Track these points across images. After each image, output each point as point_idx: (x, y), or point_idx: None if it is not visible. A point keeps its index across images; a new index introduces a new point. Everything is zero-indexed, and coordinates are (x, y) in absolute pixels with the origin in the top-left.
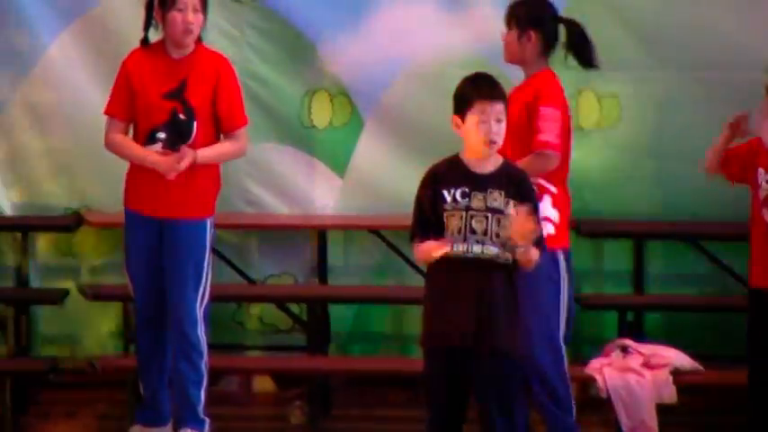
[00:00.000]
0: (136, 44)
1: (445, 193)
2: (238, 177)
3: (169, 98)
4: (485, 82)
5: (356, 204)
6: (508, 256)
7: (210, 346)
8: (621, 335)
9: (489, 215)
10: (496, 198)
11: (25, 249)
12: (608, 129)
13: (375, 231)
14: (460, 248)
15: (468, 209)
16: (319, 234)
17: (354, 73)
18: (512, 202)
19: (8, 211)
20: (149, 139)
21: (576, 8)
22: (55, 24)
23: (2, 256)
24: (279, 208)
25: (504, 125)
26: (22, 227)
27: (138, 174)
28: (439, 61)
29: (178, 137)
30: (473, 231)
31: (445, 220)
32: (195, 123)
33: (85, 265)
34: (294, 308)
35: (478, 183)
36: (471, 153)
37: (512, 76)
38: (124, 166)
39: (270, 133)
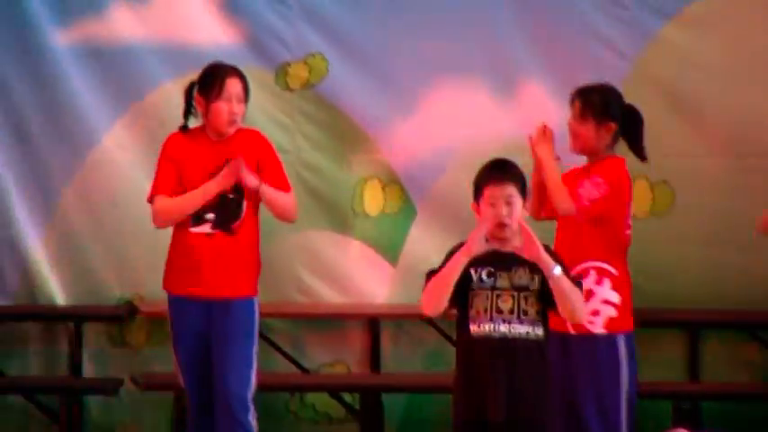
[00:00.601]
0: None
1: (472, 272)
2: (291, 266)
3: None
4: (495, 166)
5: (408, 292)
6: (538, 333)
7: None
8: (676, 424)
9: (515, 293)
10: (522, 276)
11: (78, 339)
12: (660, 216)
13: (428, 320)
14: (486, 328)
15: (493, 288)
16: (372, 322)
17: (406, 160)
18: (536, 278)
19: (61, 301)
20: (196, 220)
21: (632, 93)
22: (109, 112)
23: (55, 345)
24: (331, 296)
25: (516, 207)
26: (75, 317)
27: (181, 255)
28: (491, 148)
29: (227, 216)
30: (499, 311)
31: (470, 299)
32: (245, 202)
33: (138, 355)
34: (347, 397)
35: (503, 262)
36: (490, 235)
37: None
38: None
39: (322, 221)
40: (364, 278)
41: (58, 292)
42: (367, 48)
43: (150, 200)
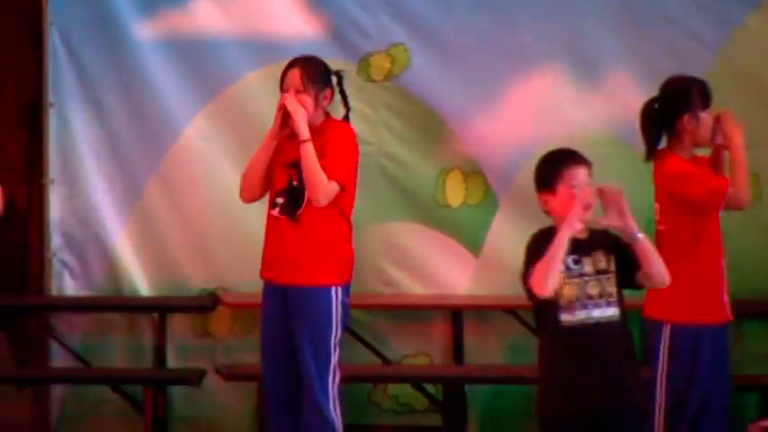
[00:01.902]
0: (269, 122)
1: None
2: (373, 257)
3: (289, 167)
4: (567, 152)
5: (491, 283)
6: (620, 314)
7: (346, 427)
8: (763, 416)
9: (600, 277)
10: (601, 259)
11: (162, 330)
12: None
13: (510, 311)
14: (581, 315)
15: (581, 275)
16: (454, 314)
17: (488, 151)
18: (612, 259)
19: (146, 292)
20: (273, 203)
21: (715, 83)
22: (192, 104)
23: (140, 336)
24: (413, 288)
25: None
26: (160, 307)
27: (266, 239)
28: (573, 139)
29: (293, 201)
30: (590, 297)
31: (559, 289)
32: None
33: (222, 346)
34: (430, 388)
35: (584, 248)
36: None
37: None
38: (259, 246)
39: (404, 213)
40: (447, 269)
41: (142, 284)
42: (449, 38)
43: None
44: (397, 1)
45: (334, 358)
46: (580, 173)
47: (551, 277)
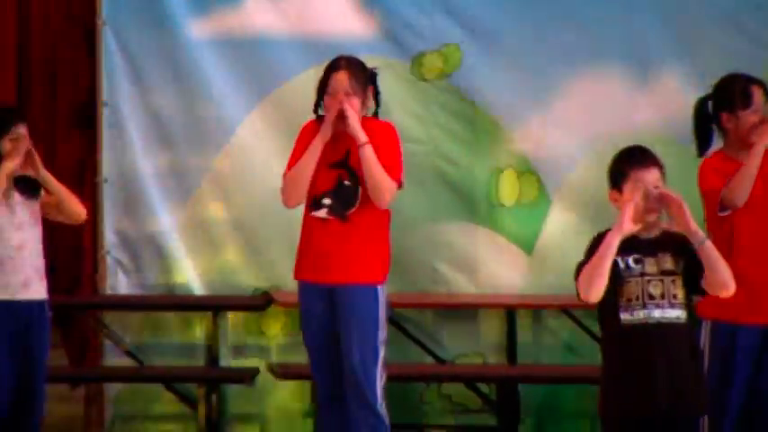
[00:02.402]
0: None
1: (618, 260)
2: (426, 256)
3: (335, 167)
4: (638, 151)
5: (544, 282)
6: (685, 317)
7: (400, 426)
8: None
9: (664, 278)
10: (667, 260)
11: (216, 328)
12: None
13: (564, 310)
14: (641, 315)
15: (643, 274)
16: (507, 313)
17: (542, 151)
18: (681, 262)
19: (199, 291)
20: (314, 205)
21: None
22: (245, 102)
23: (193, 334)
24: (467, 287)
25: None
26: (213, 306)
27: (303, 240)
28: (627, 139)
29: (344, 202)
30: (651, 297)
31: (619, 288)
32: (360, 188)
33: (274, 344)
34: (483, 387)
35: (647, 248)
36: (637, 218)
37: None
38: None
39: (457, 212)
40: (500, 268)
41: (195, 282)
42: (502, 37)
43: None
44: (451, 0)
45: (381, 356)
46: (648, 175)
47: (596, 281)
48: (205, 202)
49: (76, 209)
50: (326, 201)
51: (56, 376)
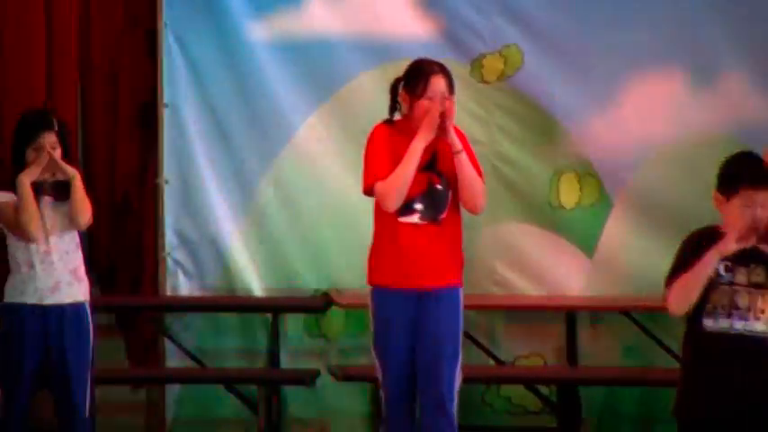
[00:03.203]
0: None
1: None
2: (486, 258)
3: (424, 171)
4: (754, 167)
5: (605, 285)
6: None
7: (461, 428)
8: None
9: (752, 290)
10: (760, 273)
11: (276, 330)
12: None
13: (625, 312)
14: (723, 324)
15: (731, 284)
16: (568, 315)
17: (602, 153)
18: None
19: (259, 293)
20: (405, 210)
21: None
22: (305, 105)
23: (253, 336)
24: (527, 289)
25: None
26: (273, 308)
27: (389, 246)
28: (688, 141)
29: (435, 205)
30: (737, 307)
31: (707, 293)
32: (450, 191)
33: (335, 346)
34: (543, 389)
35: (740, 257)
36: (740, 237)
37: None
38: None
39: (517, 213)
40: (560, 270)
41: (255, 284)
42: (562, 38)
43: (368, 190)
44: (511, 2)
45: (460, 358)
46: (759, 196)
47: (689, 297)
48: (265, 203)
49: (85, 216)
50: (418, 206)
51: (117, 378)
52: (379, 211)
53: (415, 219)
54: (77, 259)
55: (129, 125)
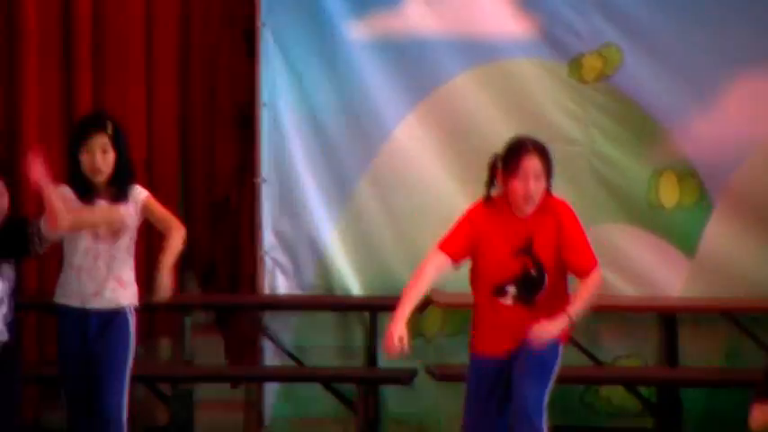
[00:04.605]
0: (479, 124)
1: None
2: None
3: (519, 255)
4: None
5: (706, 286)
6: None
7: (560, 428)
8: None
9: None
10: None
11: (373, 329)
12: None
13: (727, 314)
14: None
15: None
16: (667, 316)
17: (703, 152)
18: None
19: (357, 292)
20: (498, 292)
21: None
22: (403, 104)
23: (351, 335)
24: (625, 289)
25: None
26: (370, 307)
27: (482, 321)
28: None
29: (529, 290)
30: None
31: None
32: (546, 277)
33: (433, 345)
34: (643, 390)
35: None
36: None
37: None
38: None
39: (616, 213)
40: (659, 271)
41: (353, 283)
42: (662, 37)
43: (440, 248)
44: (609, 1)
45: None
46: None
47: None
48: (363, 202)
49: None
50: (511, 289)
51: (216, 376)
52: (475, 284)
53: (508, 301)
54: (126, 266)
55: (228, 125)
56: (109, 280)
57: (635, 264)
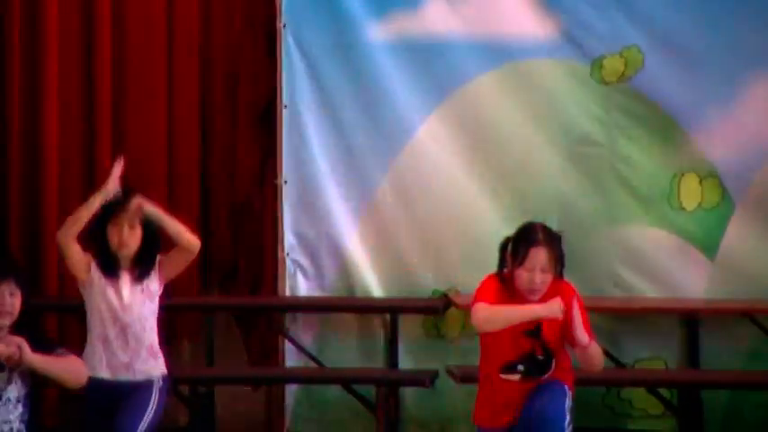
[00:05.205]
0: (501, 125)
1: None
2: (607, 260)
3: (528, 336)
4: None
5: (727, 288)
6: None
7: (582, 430)
8: None
9: None
10: None
11: (394, 331)
12: None
13: (749, 315)
14: None
15: None
16: (689, 318)
17: (725, 155)
18: None
19: (378, 293)
20: (507, 369)
21: None
22: (424, 105)
23: (372, 337)
24: (647, 291)
25: None
26: (391, 309)
27: (490, 396)
28: None
29: (537, 370)
30: None
31: None
32: (553, 361)
33: (453, 347)
34: (665, 392)
35: None
36: None
37: None
38: (492, 249)
39: (638, 215)
40: (681, 273)
41: (374, 284)
42: (684, 39)
43: (472, 306)
44: (631, 2)
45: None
46: None
47: None
48: (384, 203)
49: (189, 239)
50: (520, 368)
51: (237, 377)
52: (485, 360)
53: (516, 378)
54: (153, 334)
55: (249, 126)
56: (140, 350)
57: (656, 265)
